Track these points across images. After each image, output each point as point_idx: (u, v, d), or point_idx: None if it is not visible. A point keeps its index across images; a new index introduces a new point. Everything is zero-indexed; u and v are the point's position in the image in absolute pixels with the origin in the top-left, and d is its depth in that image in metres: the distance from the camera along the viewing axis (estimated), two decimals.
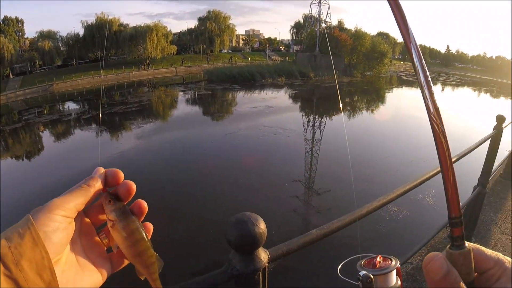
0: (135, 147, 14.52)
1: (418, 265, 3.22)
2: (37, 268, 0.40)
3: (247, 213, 1.25)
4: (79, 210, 0.50)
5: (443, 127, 0.50)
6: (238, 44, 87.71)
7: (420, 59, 0.47)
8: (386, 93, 33.92)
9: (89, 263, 0.52)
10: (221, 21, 62.10)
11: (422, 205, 7.80)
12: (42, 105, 31.34)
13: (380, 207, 1.86)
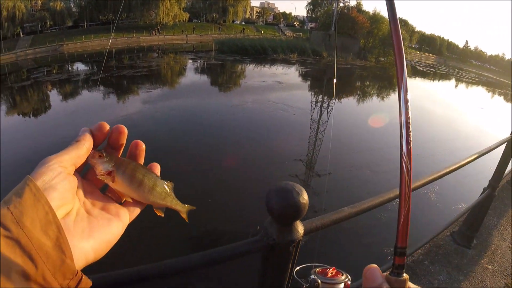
0: (140, 111, 14.44)
1: (419, 258, 3.27)
2: (41, 224, 0.37)
3: (291, 183, 1.23)
4: (75, 164, 0.48)
5: (410, 167, 0.52)
6: (252, 16, 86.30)
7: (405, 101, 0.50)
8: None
9: (104, 213, 0.50)
10: None
11: (425, 200, 7.71)
12: (52, 65, 31.25)
13: None
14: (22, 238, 0.35)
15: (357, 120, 15.38)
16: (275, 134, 12.08)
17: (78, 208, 0.47)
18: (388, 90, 27.14)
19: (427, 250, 3.44)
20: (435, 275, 3.13)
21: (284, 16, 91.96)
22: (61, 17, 49.41)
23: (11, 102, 18.19)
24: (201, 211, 6.68)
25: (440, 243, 3.62)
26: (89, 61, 33.95)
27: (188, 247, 5.74)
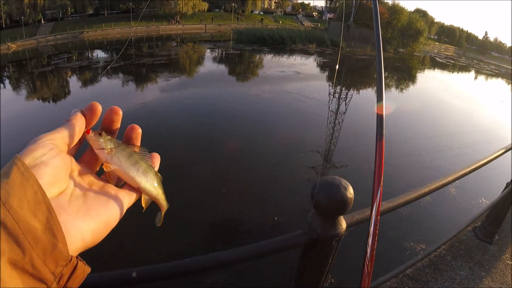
0: (158, 99, 14.48)
1: (441, 253, 3.24)
2: (29, 205, 0.34)
3: (337, 177, 1.24)
4: (67, 144, 0.46)
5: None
6: (270, 6, 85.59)
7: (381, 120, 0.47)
8: (418, 73, 32.70)
9: (101, 194, 0.47)
10: None
11: (446, 195, 7.56)
12: (72, 51, 31.60)
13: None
14: (8, 221, 0.31)
15: (372, 112, 15.08)
16: (291, 124, 11.92)
17: (73, 189, 0.44)
18: (407, 81, 26.71)
19: (449, 245, 3.41)
20: (457, 270, 3.10)
21: (302, 7, 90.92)
22: (82, 4, 50.04)
23: (31, 87, 18.46)
24: (215, 200, 6.69)
25: (462, 238, 3.58)
26: (109, 48, 34.25)
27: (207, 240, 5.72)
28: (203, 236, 5.70)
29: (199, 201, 6.47)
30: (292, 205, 6.48)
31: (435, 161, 9.16)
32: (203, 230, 5.83)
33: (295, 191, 7.19)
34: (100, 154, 0.51)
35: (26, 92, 17.20)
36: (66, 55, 28.89)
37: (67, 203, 0.41)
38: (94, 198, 0.45)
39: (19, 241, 0.32)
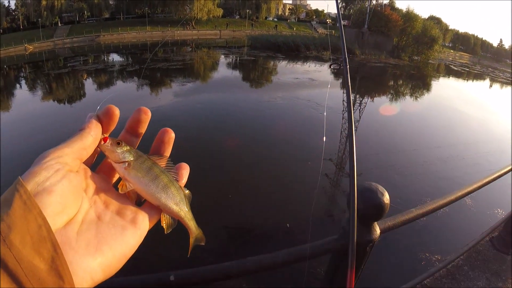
0: (172, 104, 14.45)
1: (459, 264, 3.21)
2: (32, 242, 0.30)
3: (374, 183, 1.30)
4: (80, 157, 0.42)
5: None
6: (284, 13, 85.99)
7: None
8: (433, 81, 32.31)
9: (117, 218, 0.43)
10: None
11: (462, 205, 7.23)
12: (88, 54, 31.98)
13: None
14: (10, 260, 0.28)
15: (388, 120, 14.93)
16: (304, 132, 11.79)
17: (87, 211, 0.40)
18: (422, 89, 26.38)
19: (466, 255, 3.38)
20: (474, 280, 3.06)
21: (316, 13, 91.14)
22: (98, 8, 50.84)
23: (47, 88, 18.62)
24: (229, 206, 6.59)
25: (479, 248, 3.52)
26: (124, 52, 34.53)
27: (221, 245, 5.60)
28: (218, 242, 5.55)
29: (212, 206, 6.36)
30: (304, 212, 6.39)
31: (449, 171, 8.95)
32: (217, 235, 5.70)
33: (308, 198, 7.06)
34: (117, 168, 0.47)
35: (42, 92, 17.34)
36: (82, 58, 29.22)
37: (75, 237, 0.36)
38: (108, 225, 0.40)
39: (21, 284, 0.29)
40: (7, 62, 30.07)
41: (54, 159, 0.37)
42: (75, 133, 0.43)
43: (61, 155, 0.38)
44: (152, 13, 56.22)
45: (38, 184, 0.34)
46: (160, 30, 49.47)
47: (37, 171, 0.35)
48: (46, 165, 0.36)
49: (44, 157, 0.37)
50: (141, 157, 0.47)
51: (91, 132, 0.43)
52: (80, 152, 0.41)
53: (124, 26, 48.64)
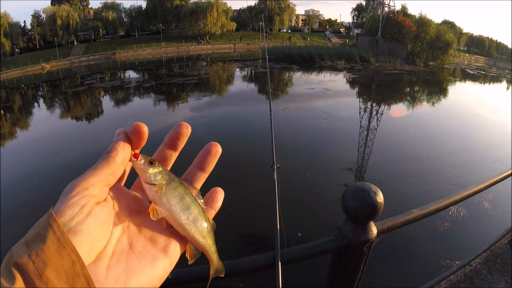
0: (189, 118, 14.40)
1: (477, 268, 3.12)
2: (67, 277, 0.32)
3: (367, 183, 1.25)
4: (108, 183, 0.41)
5: None
6: (297, 24, 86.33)
7: None
8: (449, 86, 31.77)
9: (149, 246, 0.43)
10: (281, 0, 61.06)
11: (479, 208, 7.23)
12: (104, 72, 32.43)
13: None
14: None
15: (404, 128, 14.66)
16: (322, 142, 11.63)
17: (119, 238, 0.40)
18: (439, 95, 25.87)
19: (484, 259, 3.24)
20: (493, 284, 2.95)
21: (329, 23, 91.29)
22: (113, 26, 51.79)
23: (65, 106, 18.75)
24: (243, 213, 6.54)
25: (498, 251, 3.35)
26: (140, 69, 34.89)
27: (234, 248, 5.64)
28: (230, 245, 5.64)
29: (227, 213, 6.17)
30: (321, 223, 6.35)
31: (466, 177, 8.66)
32: (230, 239, 5.76)
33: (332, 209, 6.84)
34: (147, 190, 0.45)
35: (60, 111, 17.44)
36: (99, 75, 29.62)
37: (104, 273, 0.36)
38: (139, 257, 0.40)
39: None
40: (25, 82, 30.68)
41: (79, 194, 0.36)
42: (102, 156, 0.42)
43: (87, 186, 0.37)
44: (166, 29, 57.06)
45: (64, 224, 0.34)
46: (175, 46, 50.07)
47: (62, 210, 0.35)
48: (71, 202, 0.35)
49: (70, 190, 0.37)
50: (173, 182, 0.46)
51: (118, 155, 0.41)
52: (108, 178, 0.40)
53: (139, 43, 49.38)
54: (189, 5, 54.50)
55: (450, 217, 6.77)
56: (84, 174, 0.38)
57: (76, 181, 0.37)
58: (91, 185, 0.37)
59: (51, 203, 0.29)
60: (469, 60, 76.71)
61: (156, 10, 53.61)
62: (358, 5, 69.53)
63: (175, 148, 0.49)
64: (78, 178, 0.38)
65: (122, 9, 55.09)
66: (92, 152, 10.12)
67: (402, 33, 44.12)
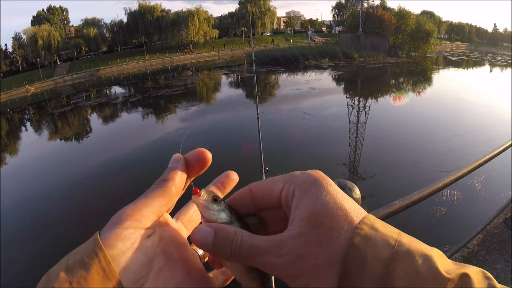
0: (179, 128, 14.42)
1: (474, 249, 3.14)
2: None
3: (342, 180, 1.32)
4: (159, 215, 0.38)
5: None
6: (279, 26, 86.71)
7: None
8: (433, 74, 32.14)
9: (187, 281, 0.39)
10: (261, 3, 61.50)
11: (472, 190, 7.39)
12: (90, 89, 32.22)
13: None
14: None
15: (393, 119, 14.79)
16: (312, 141, 11.71)
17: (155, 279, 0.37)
18: (423, 84, 26.13)
19: (481, 240, 3.28)
20: (492, 264, 2.99)
21: (311, 23, 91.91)
22: (95, 43, 51.48)
23: (52, 127, 18.60)
24: None
25: (494, 231, 3.40)
26: (126, 83, 34.78)
27: None
28: None
29: None
30: None
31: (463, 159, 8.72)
32: None
33: None
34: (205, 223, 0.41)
35: (47, 133, 17.29)
36: (84, 93, 29.46)
37: None
38: None
39: None
40: (10, 106, 30.35)
41: (132, 226, 0.35)
42: (157, 184, 0.39)
43: (140, 218, 0.36)
44: (149, 42, 56.93)
45: (113, 258, 0.32)
46: (158, 58, 50.00)
47: (113, 242, 0.33)
48: (124, 235, 0.34)
49: (122, 220, 0.35)
50: (239, 221, 0.40)
51: (174, 185, 0.40)
52: (161, 209, 0.38)
53: (122, 58, 49.18)
54: (170, 15, 54.55)
55: (445, 201, 6.87)
56: (136, 202, 0.37)
57: (129, 209, 0.36)
58: (144, 217, 0.36)
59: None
60: (451, 47, 77.83)
61: (138, 23, 53.56)
62: (338, 3, 69.98)
63: (222, 190, 0.47)
64: (130, 206, 0.36)
65: (103, 24, 54.88)
66: (86, 172, 10.08)
67: (382, 27, 44.66)
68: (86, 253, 0.31)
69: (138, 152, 11.75)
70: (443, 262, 0.30)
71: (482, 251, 3.11)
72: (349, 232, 0.32)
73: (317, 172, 0.38)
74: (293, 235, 0.34)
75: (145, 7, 53.99)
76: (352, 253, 0.31)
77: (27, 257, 6.20)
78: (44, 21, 51.68)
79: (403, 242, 0.31)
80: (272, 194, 0.38)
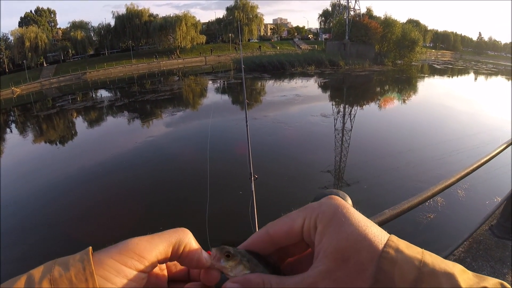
0: (164, 134, 14.60)
1: (461, 256, 3.16)
2: None
3: (334, 190, 1.31)
4: (161, 262, 0.38)
5: None
6: (266, 33, 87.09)
7: None
8: (418, 82, 32.83)
9: None
10: (249, 10, 61.66)
11: (457, 198, 7.53)
12: (76, 92, 32.09)
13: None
14: None
15: (379, 126, 15.12)
16: (299, 148, 11.85)
17: None
18: (409, 91, 26.70)
19: (467, 247, 3.32)
20: (478, 271, 2.90)
21: (297, 30, 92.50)
22: (82, 46, 51.07)
23: (37, 130, 18.59)
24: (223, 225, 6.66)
25: (479, 238, 3.47)
26: (112, 87, 34.71)
27: None
28: None
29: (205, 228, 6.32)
30: None
31: (445, 166, 9.05)
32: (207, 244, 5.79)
33: None
34: None
35: (32, 135, 17.30)
36: (70, 97, 29.29)
37: None
38: None
39: None
40: None
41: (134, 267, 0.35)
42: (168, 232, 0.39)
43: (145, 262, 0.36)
44: (136, 46, 56.74)
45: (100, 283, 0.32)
46: (145, 62, 49.86)
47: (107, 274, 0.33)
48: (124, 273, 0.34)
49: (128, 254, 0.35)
50: (262, 265, 0.40)
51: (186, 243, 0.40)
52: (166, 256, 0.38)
53: (109, 61, 48.94)
54: (158, 20, 54.39)
55: (432, 208, 7.01)
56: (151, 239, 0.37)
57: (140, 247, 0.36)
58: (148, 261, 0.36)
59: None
60: (436, 55, 78.99)
61: (125, 27, 53.30)
62: (325, 10, 70.71)
63: None
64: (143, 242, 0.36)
65: (90, 28, 54.26)
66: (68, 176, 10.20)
67: (368, 35, 45.26)
68: (75, 271, 0.31)
69: (121, 156, 11.84)
70: (465, 278, 0.31)
71: (468, 258, 3.18)
72: (375, 259, 0.33)
73: (335, 200, 0.38)
74: (322, 274, 0.34)
75: (133, 11, 53.78)
76: (381, 278, 0.32)
77: None
78: (32, 22, 51.06)
79: (427, 262, 0.32)
80: (293, 231, 0.38)
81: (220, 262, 0.40)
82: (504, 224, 3.46)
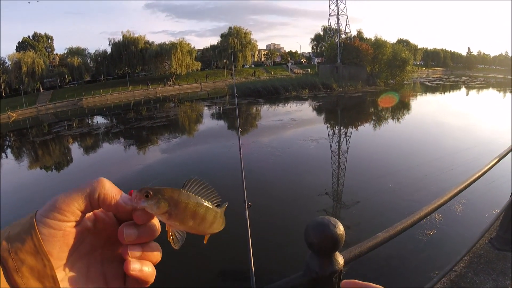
0: (160, 160, 14.66)
1: (462, 272, 3.15)
2: (38, 275, 0.38)
3: (326, 217, 1.29)
4: (85, 212, 0.43)
5: None
6: (260, 58, 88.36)
7: None
8: (411, 100, 33.31)
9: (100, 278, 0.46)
10: (242, 37, 63.01)
11: (454, 213, 7.54)
12: (72, 119, 32.25)
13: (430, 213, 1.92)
14: (20, 285, 0.37)
15: (374, 146, 15.25)
16: (295, 171, 11.79)
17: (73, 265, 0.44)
18: (402, 110, 27.05)
19: (468, 262, 3.33)
20: (480, 285, 3.00)
21: (290, 55, 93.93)
22: (79, 72, 51.54)
23: (33, 156, 18.60)
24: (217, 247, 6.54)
25: (480, 252, 3.47)
26: (108, 114, 34.87)
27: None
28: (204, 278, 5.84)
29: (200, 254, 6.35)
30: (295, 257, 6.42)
31: (441, 183, 9.08)
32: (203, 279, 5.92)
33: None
34: (160, 219, 0.46)
35: (28, 161, 17.31)
36: (66, 123, 29.41)
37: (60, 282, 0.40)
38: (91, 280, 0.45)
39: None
40: None
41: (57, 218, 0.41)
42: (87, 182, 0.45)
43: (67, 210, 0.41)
44: (132, 73, 57.32)
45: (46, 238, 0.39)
46: (141, 89, 50.37)
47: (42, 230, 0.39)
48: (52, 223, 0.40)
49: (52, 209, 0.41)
50: (177, 202, 0.45)
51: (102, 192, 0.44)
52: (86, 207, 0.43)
53: (106, 88, 49.40)
54: (154, 47, 55.30)
55: (431, 226, 7.00)
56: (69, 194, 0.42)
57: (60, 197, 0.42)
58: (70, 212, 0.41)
59: None
60: (427, 73, 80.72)
61: (121, 54, 54.16)
62: (316, 35, 72.42)
63: None
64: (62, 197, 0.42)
65: (87, 54, 55.03)
66: None
67: (360, 57, 46.08)
68: (23, 229, 0.39)
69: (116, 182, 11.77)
70: None
71: (470, 273, 3.14)
72: None
73: None
74: None
75: (129, 39, 54.74)
76: None
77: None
78: (29, 47, 51.79)
79: None
80: None
81: (141, 202, 0.43)
82: (503, 236, 3.48)
